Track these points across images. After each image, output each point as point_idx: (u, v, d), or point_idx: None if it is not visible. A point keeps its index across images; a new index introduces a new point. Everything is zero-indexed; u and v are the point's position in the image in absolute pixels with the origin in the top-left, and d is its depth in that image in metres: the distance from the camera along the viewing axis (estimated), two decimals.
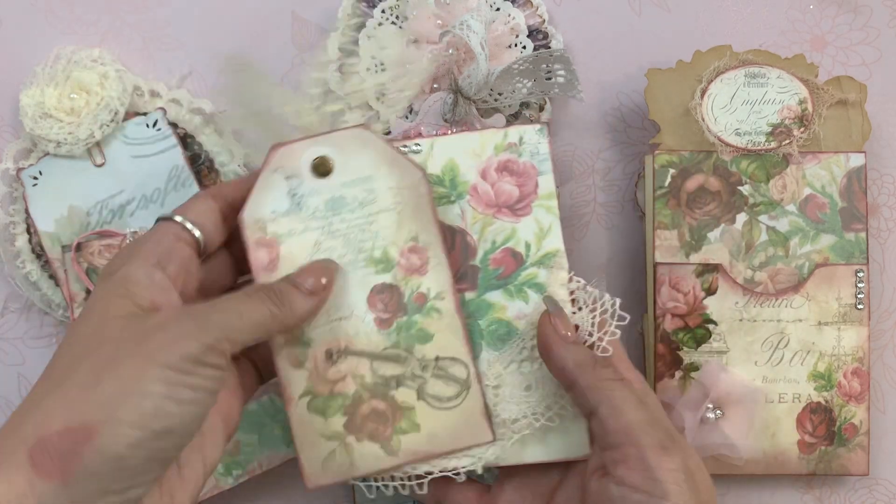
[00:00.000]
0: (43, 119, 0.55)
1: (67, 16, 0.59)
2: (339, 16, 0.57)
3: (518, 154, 0.47)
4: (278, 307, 0.42)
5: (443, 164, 0.47)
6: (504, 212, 0.47)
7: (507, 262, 0.47)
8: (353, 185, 0.45)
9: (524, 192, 0.47)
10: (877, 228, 0.60)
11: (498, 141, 0.47)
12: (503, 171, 0.47)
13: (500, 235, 0.47)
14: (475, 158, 0.47)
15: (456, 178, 0.47)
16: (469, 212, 0.47)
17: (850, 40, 0.60)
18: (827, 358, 0.56)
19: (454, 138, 0.47)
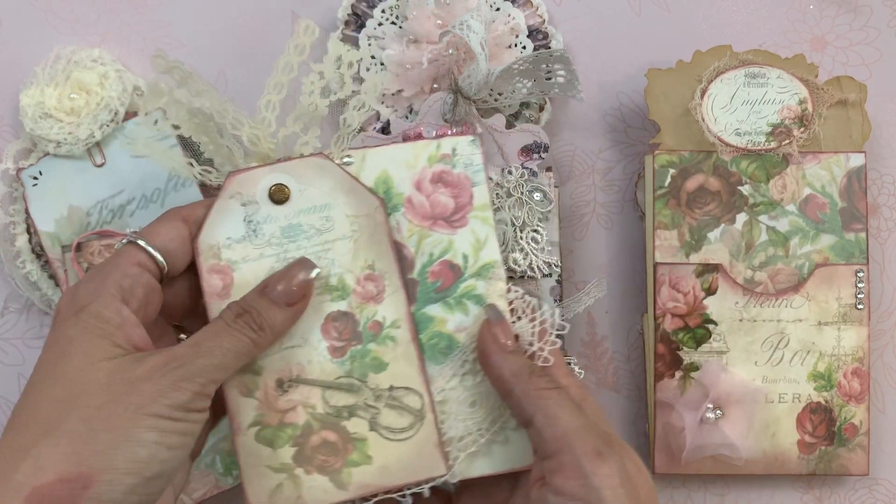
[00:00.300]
0: (43, 119, 0.55)
1: (67, 16, 0.59)
2: (339, 16, 0.57)
3: (452, 165, 0.47)
4: (257, 332, 0.42)
5: (376, 175, 0.46)
6: (440, 224, 0.47)
7: (445, 274, 0.47)
8: (310, 213, 0.45)
9: (460, 203, 0.47)
10: (877, 228, 0.60)
11: (431, 152, 0.47)
12: (438, 183, 0.47)
13: (437, 248, 0.47)
14: (409, 170, 0.47)
15: (390, 190, 0.46)
16: (405, 224, 0.46)
17: (850, 40, 0.60)
18: (827, 358, 0.56)
19: (387, 150, 0.47)
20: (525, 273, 0.55)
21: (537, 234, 0.56)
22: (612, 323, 0.60)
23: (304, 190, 0.45)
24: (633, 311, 0.60)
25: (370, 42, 0.57)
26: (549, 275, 0.56)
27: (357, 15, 0.57)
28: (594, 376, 0.60)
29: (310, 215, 0.45)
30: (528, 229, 0.56)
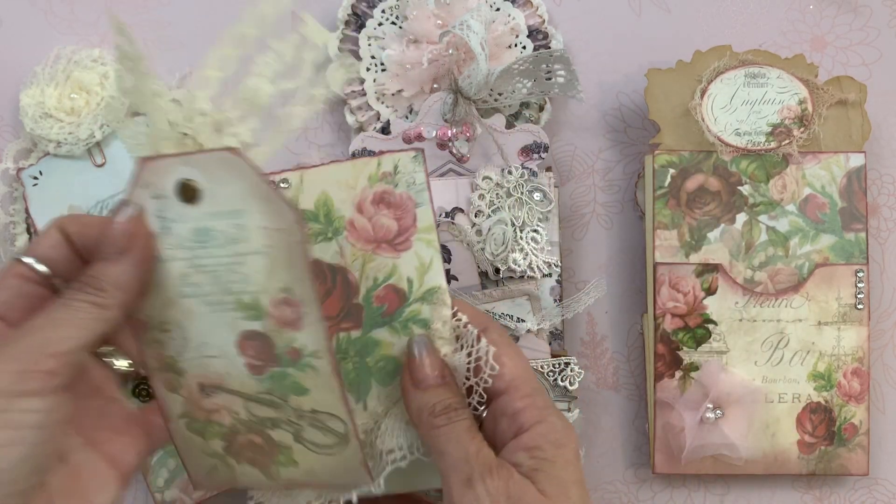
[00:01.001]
0: (43, 119, 0.55)
1: (67, 16, 0.59)
2: (339, 16, 0.57)
3: (394, 184, 0.44)
4: (97, 293, 0.37)
5: (315, 198, 0.43)
6: (384, 247, 0.44)
7: (390, 298, 0.45)
8: (222, 218, 0.39)
9: (403, 225, 0.44)
10: (876, 228, 0.60)
11: (371, 171, 0.44)
12: (380, 204, 0.44)
13: (382, 272, 0.44)
14: (349, 191, 0.43)
15: (331, 213, 0.44)
16: (348, 248, 0.44)
17: (850, 40, 0.60)
18: (827, 358, 0.56)
19: (326, 170, 0.43)
20: (525, 273, 0.55)
21: (537, 234, 0.56)
22: (612, 323, 0.60)
23: (214, 190, 0.39)
24: (633, 311, 0.60)
25: (370, 42, 0.57)
26: (548, 275, 0.56)
27: (357, 15, 0.57)
28: (594, 376, 0.60)
29: (221, 220, 0.39)
30: (528, 229, 0.56)
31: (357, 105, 0.57)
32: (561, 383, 0.55)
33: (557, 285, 0.56)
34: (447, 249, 0.56)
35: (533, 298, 0.56)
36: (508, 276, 0.56)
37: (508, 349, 0.42)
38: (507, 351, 0.42)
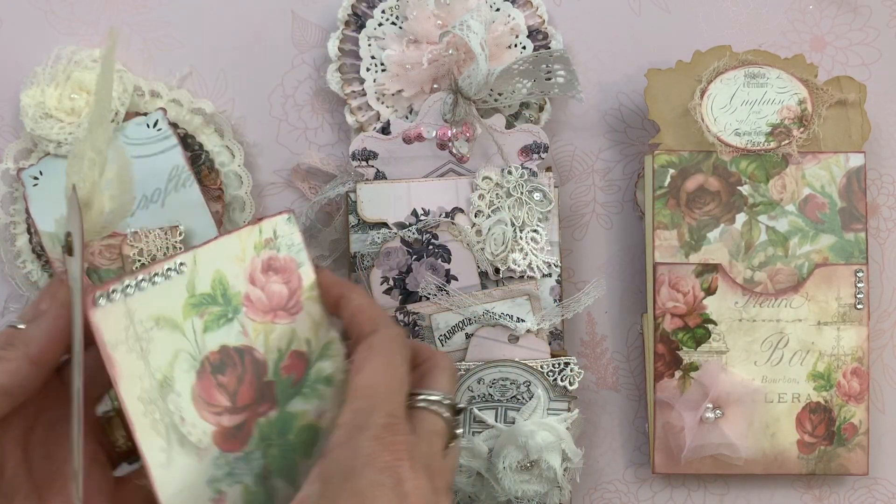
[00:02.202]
0: (43, 119, 0.55)
1: (67, 16, 0.59)
2: (339, 16, 0.57)
3: (276, 249, 0.44)
4: (3, 348, 0.39)
5: (211, 278, 0.42)
6: (280, 314, 0.44)
7: (296, 366, 0.44)
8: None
9: (291, 288, 0.44)
10: (876, 228, 0.60)
11: (256, 239, 0.43)
12: (268, 271, 0.44)
13: (283, 340, 0.44)
14: (240, 264, 0.43)
15: (227, 292, 0.42)
16: (249, 325, 0.43)
17: (850, 40, 0.60)
18: (826, 358, 0.56)
19: (214, 246, 0.42)
20: (525, 273, 0.55)
21: (537, 234, 0.56)
22: (612, 323, 0.60)
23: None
24: (632, 311, 0.60)
25: (370, 42, 0.57)
26: (548, 275, 0.56)
27: (357, 15, 0.57)
28: (594, 376, 0.60)
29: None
30: (528, 229, 0.56)
31: (357, 105, 0.57)
32: (561, 383, 0.55)
33: (557, 285, 0.56)
34: (447, 249, 0.56)
35: (533, 298, 0.56)
36: (508, 276, 0.56)
37: (376, 358, 0.41)
38: (373, 359, 0.41)
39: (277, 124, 0.59)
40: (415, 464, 0.38)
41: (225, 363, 0.42)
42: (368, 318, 0.43)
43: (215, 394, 0.42)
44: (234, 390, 0.42)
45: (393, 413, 0.39)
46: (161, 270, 0.40)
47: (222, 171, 0.57)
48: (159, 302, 0.40)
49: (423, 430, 0.41)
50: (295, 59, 0.59)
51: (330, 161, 0.59)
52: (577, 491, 0.59)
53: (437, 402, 0.42)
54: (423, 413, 0.42)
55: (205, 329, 0.42)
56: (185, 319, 0.41)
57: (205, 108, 0.58)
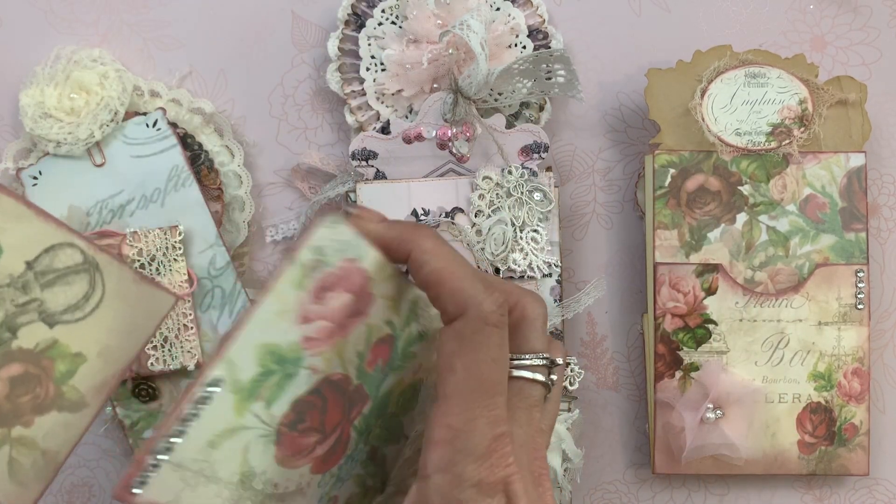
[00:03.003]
0: (43, 119, 0.55)
1: (67, 16, 0.59)
2: (339, 16, 0.57)
3: (326, 265, 0.36)
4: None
5: (255, 359, 0.36)
6: (350, 322, 0.37)
7: (381, 352, 0.39)
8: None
9: (355, 287, 0.37)
10: (877, 228, 0.60)
11: (295, 277, 0.36)
12: (323, 295, 0.37)
13: (360, 343, 0.38)
14: (285, 317, 0.36)
15: (280, 353, 0.36)
16: (318, 361, 0.37)
17: (850, 40, 0.60)
18: (827, 358, 0.56)
19: (249, 328, 0.35)
20: (525, 273, 0.55)
21: (537, 234, 0.56)
22: (612, 323, 0.60)
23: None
24: (633, 311, 0.60)
25: (370, 42, 0.57)
26: (549, 275, 0.56)
27: (357, 15, 0.57)
28: (594, 376, 0.60)
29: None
30: (528, 229, 0.56)
31: (357, 105, 0.57)
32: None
33: (557, 285, 0.56)
34: None
35: None
36: (508, 276, 0.56)
37: (469, 354, 0.36)
38: (466, 354, 0.36)
39: (277, 124, 0.59)
40: (523, 469, 0.35)
41: (302, 413, 0.37)
42: (450, 293, 0.36)
43: (301, 441, 0.38)
44: (320, 423, 0.38)
45: (498, 420, 0.35)
46: (193, 407, 0.35)
47: (222, 170, 0.57)
48: (206, 430, 0.35)
49: (523, 407, 0.37)
50: (295, 59, 0.59)
51: (330, 161, 0.59)
52: (578, 491, 0.59)
53: (535, 366, 0.38)
54: (521, 384, 0.37)
55: (268, 405, 0.36)
56: (242, 416, 0.36)
57: (204, 108, 0.58)
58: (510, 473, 0.35)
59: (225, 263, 0.56)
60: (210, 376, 0.35)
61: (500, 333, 0.36)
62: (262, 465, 0.37)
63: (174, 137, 0.56)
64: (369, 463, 0.42)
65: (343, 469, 0.41)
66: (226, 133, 0.58)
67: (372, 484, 0.44)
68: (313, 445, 0.38)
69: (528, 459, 0.37)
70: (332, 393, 0.38)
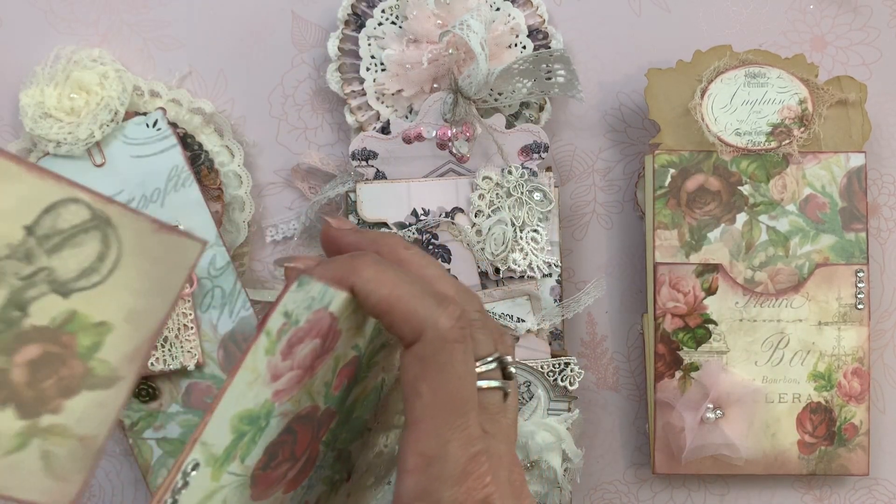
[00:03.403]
0: (43, 119, 0.55)
1: (67, 16, 0.59)
2: (339, 16, 0.57)
3: (295, 323, 0.34)
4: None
5: (229, 429, 0.34)
6: (318, 362, 0.36)
7: (347, 373, 0.38)
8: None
9: (323, 330, 0.36)
10: (877, 228, 0.60)
11: (264, 346, 0.34)
12: (292, 350, 0.35)
13: (328, 374, 0.37)
14: (255, 383, 0.34)
15: (252, 414, 0.35)
16: (287, 405, 0.36)
17: (850, 40, 0.60)
18: (827, 358, 0.56)
19: (221, 409, 0.34)
20: (525, 273, 0.55)
21: (537, 234, 0.56)
22: (612, 323, 0.60)
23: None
24: (633, 311, 0.60)
25: (370, 42, 0.57)
26: (548, 275, 0.56)
27: (357, 15, 0.57)
28: (594, 376, 0.60)
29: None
30: (528, 229, 0.56)
31: (357, 105, 0.57)
32: (561, 383, 0.55)
33: (557, 285, 0.56)
34: (447, 249, 0.56)
35: (533, 298, 0.56)
36: (508, 276, 0.56)
37: (433, 376, 0.34)
38: (430, 377, 0.35)
39: (277, 124, 0.59)
40: (502, 486, 0.34)
41: (275, 453, 0.37)
42: (403, 318, 0.34)
43: (273, 475, 0.38)
44: (291, 453, 0.38)
45: (471, 439, 0.34)
46: (171, 496, 0.33)
47: (222, 170, 0.57)
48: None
49: (489, 418, 0.36)
50: (295, 59, 0.59)
51: (330, 161, 0.59)
52: (578, 491, 0.59)
53: (487, 373, 0.36)
54: (480, 395, 0.36)
55: (243, 460, 0.36)
56: (220, 480, 0.35)
57: (204, 108, 0.58)
58: (489, 493, 0.34)
59: (225, 263, 0.56)
60: (186, 463, 0.33)
61: (463, 348, 0.34)
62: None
63: (174, 137, 0.56)
64: (336, 463, 0.43)
65: (312, 478, 0.41)
66: (226, 133, 0.58)
67: (339, 478, 0.44)
68: (285, 473, 0.38)
69: (507, 472, 0.35)
70: (301, 425, 0.38)
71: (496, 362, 0.37)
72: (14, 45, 0.58)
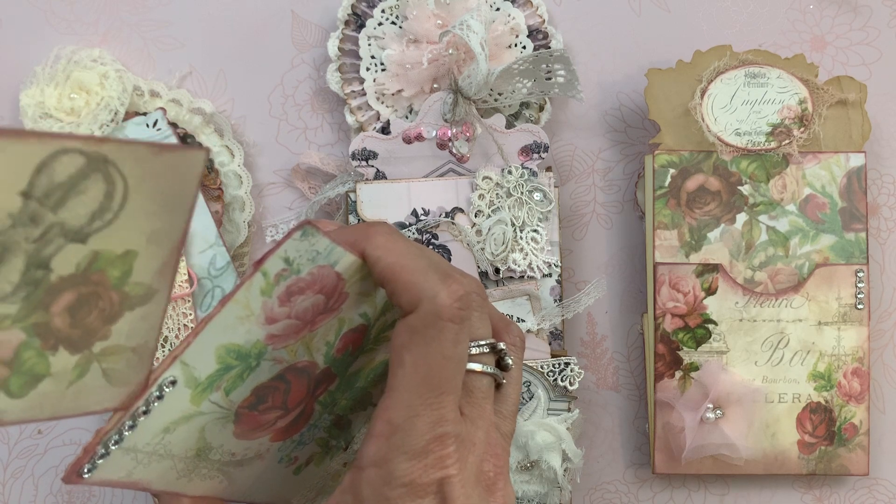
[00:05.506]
0: (43, 119, 0.55)
1: (67, 16, 0.59)
2: (339, 16, 0.57)
3: (296, 272, 0.35)
4: None
5: (215, 357, 0.36)
6: (320, 318, 0.37)
7: (352, 339, 0.39)
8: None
9: (328, 289, 0.36)
10: (877, 228, 0.60)
11: (260, 286, 0.35)
12: (291, 298, 0.35)
13: (330, 333, 0.38)
14: (248, 320, 0.35)
15: (242, 350, 0.36)
16: (283, 353, 0.37)
17: (850, 40, 0.60)
18: (827, 358, 0.56)
19: (206, 333, 0.35)
20: (525, 273, 0.55)
21: (537, 234, 0.56)
22: (612, 323, 0.60)
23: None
24: (633, 311, 0.60)
25: (370, 42, 0.57)
26: (548, 275, 0.56)
27: (357, 15, 0.57)
28: (594, 376, 0.60)
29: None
30: (528, 229, 0.56)
31: (357, 105, 0.57)
32: (561, 383, 0.55)
33: (557, 285, 0.56)
34: (447, 249, 0.56)
35: (533, 298, 0.56)
36: (508, 276, 0.56)
37: (418, 347, 0.34)
38: (415, 348, 0.35)
39: (277, 124, 0.59)
40: (466, 471, 0.34)
41: (264, 396, 0.38)
42: (404, 287, 0.35)
43: (261, 419, 0.38)
44: (282, 402, 0.38)
45: (441, 419, 0.34)
46: (145, 404, 0.35)
47: (222, 170, 0.57)
48: (160, 419, 0.36)
49: (472, 402, 0.36)
50: (295, 59, 0.59)
51: (330, 161, 0.59)
52: (578, 491, 0.59)
53: (480, 355, 0.36)
54: (467, 377, 0.36)
55: (227, 393, 0.37)
56: (200, 405, 0.36)
57: (204, 108, 0.58)
58: (448, 476, 0.33)
59: (225, 263, 0.56)
60: (166, 375, 0.35)
61: (456, 329, 0.34)
62: (219, 441, 0.38)
63: (174, 137, 0.55)
64: (333, 428, 0.43)
65: (305, 435, 0.42)
66: (226, 133, 0.58)
67: (335, 444, 0.44)
68: (274, 420, 0.39)
69: (478, 461, 0.35)
70: (296, 377, 0.38)
71: (489, 348, 0.36)
72: (14, 45, 0.58)
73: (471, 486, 0.34)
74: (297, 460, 0.43)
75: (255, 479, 0.41)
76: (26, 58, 0.58)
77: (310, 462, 0.44)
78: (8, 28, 0.58)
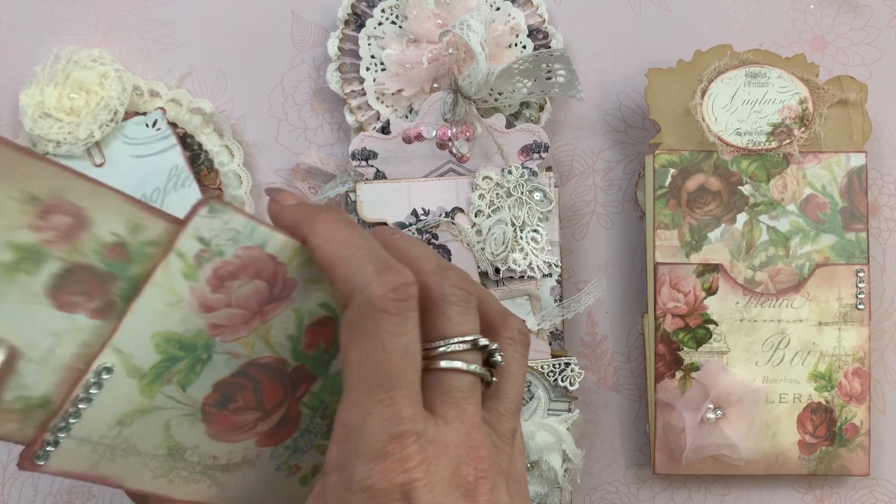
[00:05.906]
0: (42, 119, 0.55)
1: (67, 16, 0.59)
2: (339, 15, 0.57)
3: (218, 254, 0.33)
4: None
5: (152, 346, 0.34)
6: (269, 308, 0.35)
7: (322, 333, 0.37)
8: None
9: (268, 274, 0.34)
10: (877, 228, 0.60)
11: (180, 268, 0.33)
12: (224, 283, 0.34)
13: (290, 326, 0.36)
14: (179, 306, 0.34)
15: (183, 340, 0.35)
16: (235, 346, 0.35)
17: (851, 40, 0.60)
18: (827, 358, 0.56)
19: (130, 319, 0.34)
20: (525, 273, 0.55)
21: (537, 234, 0.56)
22: (612, 323, 0.60)
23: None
24: (633, 311, 0.60)
25: (370, 42, 0.57)
26: (549, 275, 0.56)
27: (357, 14, 0.57)
28: (594, 376, 0.60)
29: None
30: (528, 229, 0.56)
31: (357, 105, 0.57)
32: (561, 383, 0.55)
33: (557, 285, 0.56)
34: (447, 249, 0.56)
35: (533, 298, 0.56)
36: (508, 276, 0.56)
37: (360, 343, 0.32)
38: (357, 344, 0.33)
39: (277, 124, 0.59)
40: (435, 475, 0.31)
41: (230, 394, 0.37)
42: (339, 278, 0.33)
43: (236, 419, 0.38)
44: (257, 402, 0.38)
45: (396, 417, 0.31)
46: (84, 391, 0.34)
47: (222, 170, 0.57)
48: (109, 410, 0.35)
49: (450, 402, 0.33)
50: (295, 59, 0.59)
51: (330, 161, 0.59)
52: (578, 492, 0.59)
53: (452, 353, 0.34)
54: (441, 376, 0.33)
55: (183, 387, 0.36)
56: (153, 398, 0.36)
57: (204, 108, 0.58)
58: (412, 479, 0.31)
59: None
60: (96, 364, 0.34)
61: (395, 320, 0.32)
62: (192, 441, 0.37)
63: (174, 137, 0.55)
64: (331, 433, 0.42)
65: (299, 441, 0.41)
66: (226, 133, 0.58)
67: None
68: (254, 423, 0.38)
69: (454, 463, 0.32)
70: (264, 375, 0.37)
71: (472, 345, 0.34)
72: (14, 45, 0.58)
73: (442, 491, 0.31)
74: (299, 469, 0.42)
75: (251, 487, 0.41)
76: (26, 58, 0.58)
77: (316, 471, 0.43)
78: (8, 28, 0.58)
